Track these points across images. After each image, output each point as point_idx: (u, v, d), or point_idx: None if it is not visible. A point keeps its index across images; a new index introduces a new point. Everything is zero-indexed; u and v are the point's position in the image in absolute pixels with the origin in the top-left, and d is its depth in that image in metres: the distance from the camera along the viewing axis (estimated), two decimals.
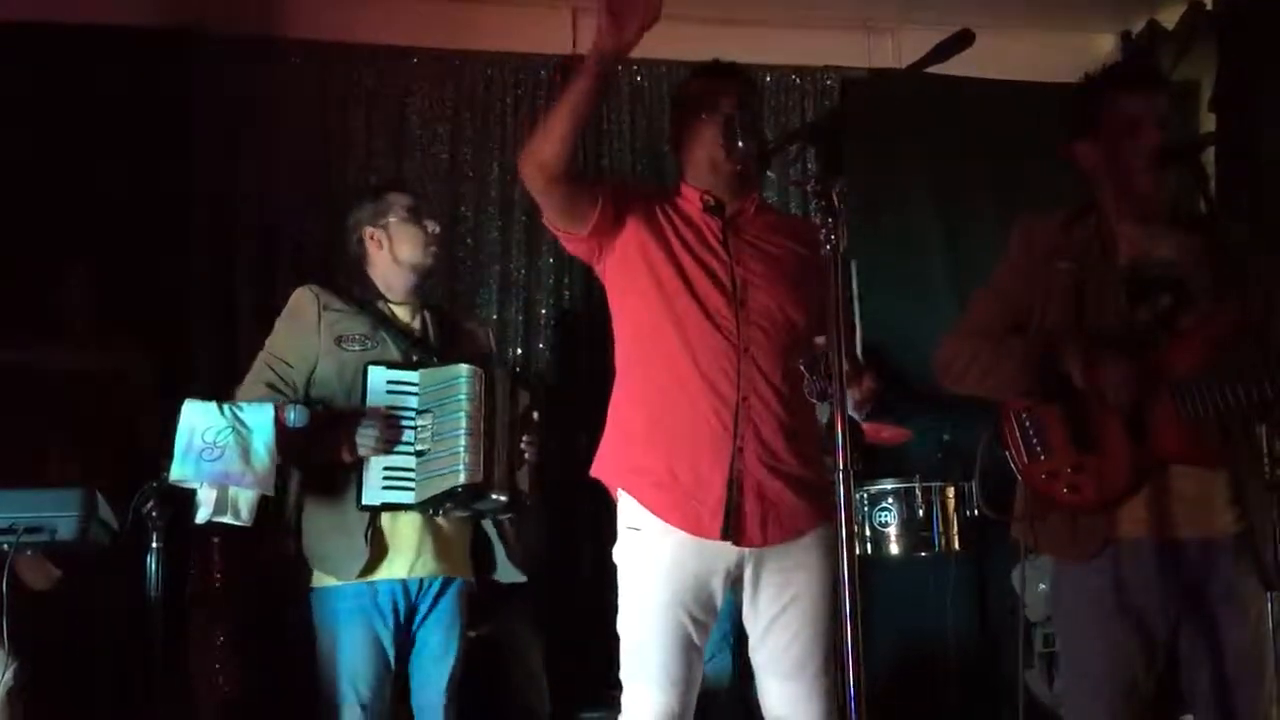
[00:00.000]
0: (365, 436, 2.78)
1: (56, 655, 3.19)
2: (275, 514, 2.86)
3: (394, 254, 3.03)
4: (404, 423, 2.84)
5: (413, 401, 2.85)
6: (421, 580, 2.89)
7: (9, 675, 2.78)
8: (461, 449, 2.76)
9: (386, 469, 2.82)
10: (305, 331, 2.93)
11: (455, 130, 4.53)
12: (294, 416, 2.68)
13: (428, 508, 2.84)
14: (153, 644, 2.73)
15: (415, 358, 2.94)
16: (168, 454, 2.63)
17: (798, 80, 4.76)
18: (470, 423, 2.79)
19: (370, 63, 4.48)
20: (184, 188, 4.20)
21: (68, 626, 3.25)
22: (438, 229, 3.09)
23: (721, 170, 2.54)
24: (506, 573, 3.00)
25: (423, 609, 2.91)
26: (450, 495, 2.79)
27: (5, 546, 2.51)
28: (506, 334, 4.50)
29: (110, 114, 4.12)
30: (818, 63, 4.77)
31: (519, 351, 4.51)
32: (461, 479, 2.75)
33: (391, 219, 3.04)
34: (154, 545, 2.65)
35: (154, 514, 2.63)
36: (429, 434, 2.82)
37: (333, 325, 2.93)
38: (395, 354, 2.93)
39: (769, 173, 4.45)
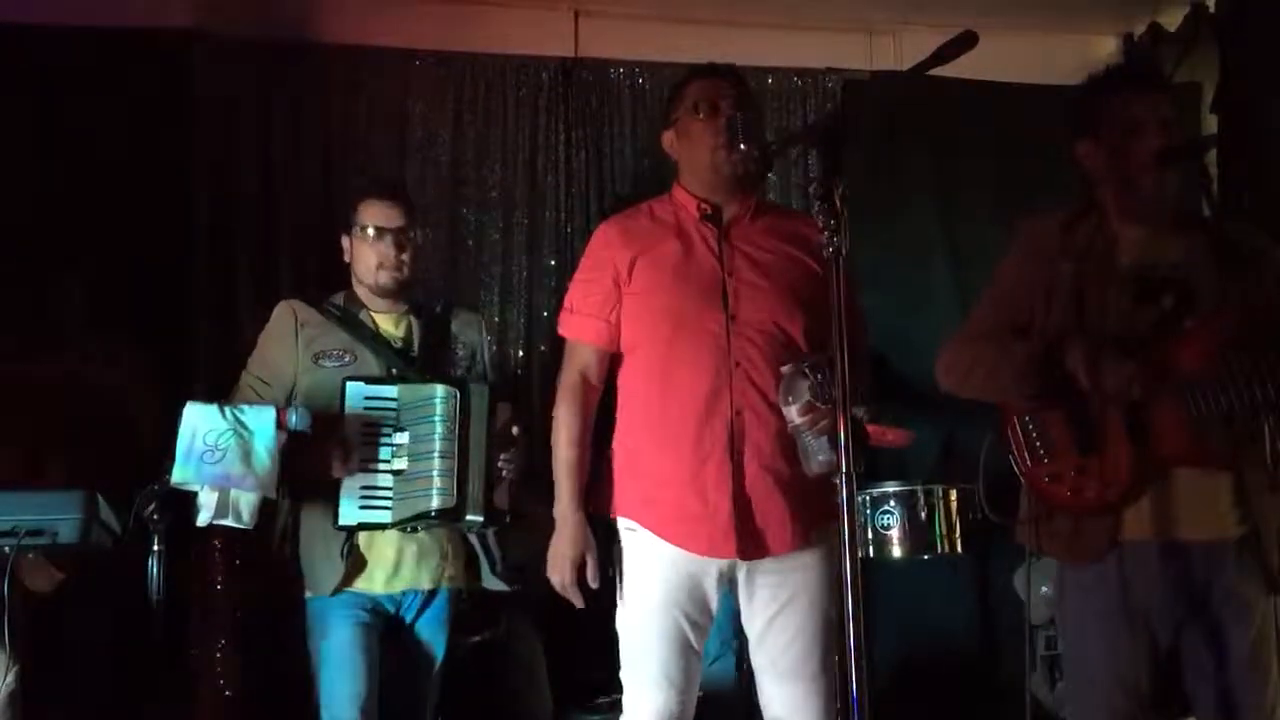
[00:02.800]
0: (339, 458, 2.76)
1: (58, 658, 3.19)
2: (270, 518, 2.85)
3: (355, 267, 3.01)
4: (381, 440, 2.81)
5: (391, 417, 2.82)
6: (403, 593, 2.89)
7: (10, 678, 2.78)
8: (435, 473, 2.75)
9: (364, 488, 2.79)
10: (283, 349, 2.92)
11: (456, 132, 4.52)
12: (295, 419, 2.68)
13: (404, 527, 2.82)
14: (154, 646, 2.73)
15: (395, 371, 2.90)
16: (169, 456, 2.62)
17: (799, 82, 4.74)
18: (444, 445, 2.77)
19: (371, 64, 4.47)
20: (184, 191, 4.19)
21: (69, 629, 3.25)
22: (394, 252, 2.93)
23: (722, 173, 2.52)
24: (491, 582, 2.97)
25: (408, 620, 2.91)
26: (424, 517, 2.78)
27: (7, 549, 2.51)
28: (508, 335, 4.49)
29: (110, 116, 4.11)
30: (819, 65, 4.76)
31: (520, 354, 4.50)
32: (435, 504, 2.75)
33: (356, 231, 2.99)
34: (155, 548, 2.65)
35: (155, 516, 2.63)
36: (405, 453, 2.80)
37: (311, 342, 2.91)
38: (375, 368, 2.90)
39: (771, 175, 4.44)
